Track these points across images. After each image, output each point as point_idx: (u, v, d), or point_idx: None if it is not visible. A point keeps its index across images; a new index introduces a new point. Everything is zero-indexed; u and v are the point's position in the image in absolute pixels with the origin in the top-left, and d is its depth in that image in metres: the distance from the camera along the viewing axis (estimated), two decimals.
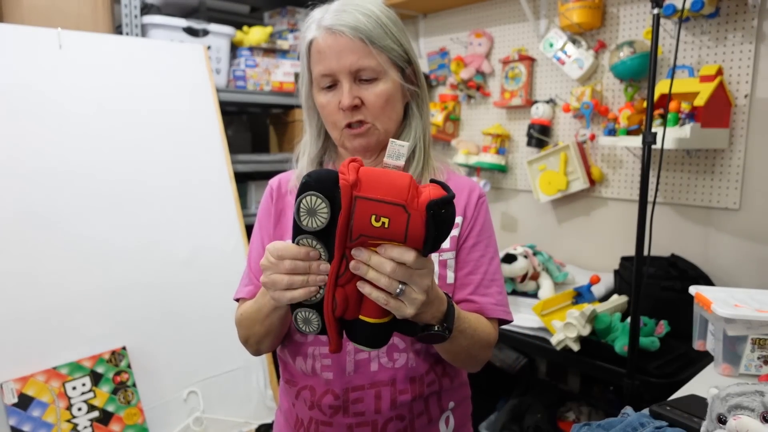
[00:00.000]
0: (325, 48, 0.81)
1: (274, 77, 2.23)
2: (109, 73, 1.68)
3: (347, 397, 0.84)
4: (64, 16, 1.76)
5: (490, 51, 2.16)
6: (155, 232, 1.64)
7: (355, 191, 0.59)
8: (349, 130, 0.84)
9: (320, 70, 0.82)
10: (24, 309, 1.41)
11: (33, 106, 1.52)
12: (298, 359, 0.87)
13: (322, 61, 0.82)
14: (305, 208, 0.60)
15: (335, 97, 0.83)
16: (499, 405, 1.95)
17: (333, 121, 0.85)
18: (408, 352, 0.85)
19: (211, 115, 1.86)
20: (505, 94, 2.07)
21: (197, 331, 1.66)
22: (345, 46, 0.80)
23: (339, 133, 0.85)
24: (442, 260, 0.86)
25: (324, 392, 0.85)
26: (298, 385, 0.88)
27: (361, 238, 0.60)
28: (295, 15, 2.40)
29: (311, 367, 0.86)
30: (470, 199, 0.89)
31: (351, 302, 0.64)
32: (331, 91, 0.83)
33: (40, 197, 1.49)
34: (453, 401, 0.91)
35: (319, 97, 0.85)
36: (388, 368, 0.84)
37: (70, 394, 1.41)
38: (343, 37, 0.80)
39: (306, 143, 0.92)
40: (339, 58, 0.80)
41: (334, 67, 0.81)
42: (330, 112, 0.84)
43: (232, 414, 1.68)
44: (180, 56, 1.86)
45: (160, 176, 1.70)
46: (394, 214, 0.58)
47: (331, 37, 0.80)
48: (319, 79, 0.84)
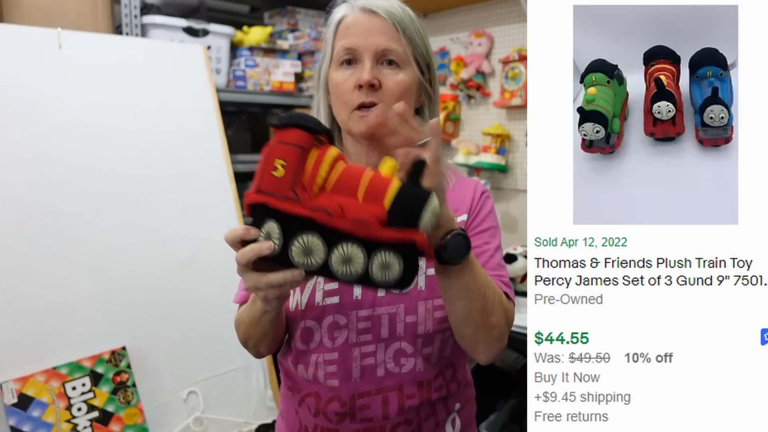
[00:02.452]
0: (355, 24, 0.80)
1: (274, 77, 2.23)
2: (109, 73, 1.67)
3: (354, 403, 0.83)
4: (64, 16, 1.76)
5: (490, 51, 2.16)
6: (155, 232, 1.64)
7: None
8: (359, 112, 0.80)
9: (344, 44, 0.80)
10: (24, 309, 1.41)
11: (32, 106, 1.52)
12: (300, 367, 0.86)
13: (348, 36, 0.80)
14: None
15: (353, 75, 0.80)
16: (499, 405, 1.95)
17: (345, 100, 0.80)
18: (416, 356, 0.84)
19: (211, 115, 1.86)
20: (505, 94, 2.07)
21: (197, 331, 1.66)
22: (377, 26, 0.80)
23: (347, 114, 0.81)
24: None
25: (330, 399, 0.83)
26: (302, 393, 0.87)
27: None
28: (295, 15, 2.40)
29: (314, 374, 0.84)
30: (474, 195, 0.89)
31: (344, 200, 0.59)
32: (349, 69, 0.80)
33: (40, 197, 1.48)
34: (459, 403, 0.91)
35: (335, 75, 0.81)
36: (395, 373, 0.84)
37: (70, 394, 1.41)
38: (377, 17, 0.80)
39: None
40: (368, 36, 0.79)
41: (360, 44, 0.79)
42: (344, 90, 0.80)
43: (232, 414, 1.67)
44: (180, 56, 1.86)
45: (160, 176, 1.69)
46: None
47: (364, 15, 0.80)
48: (340, 53, 0.81)
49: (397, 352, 0.83)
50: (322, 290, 0.82)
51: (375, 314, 0.82)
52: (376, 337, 0.82)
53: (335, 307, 0.82)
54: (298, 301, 0.83)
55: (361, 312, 0.82)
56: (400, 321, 0.82)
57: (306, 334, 0.83)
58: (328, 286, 0.83)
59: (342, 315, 0.82)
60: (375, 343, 0.82)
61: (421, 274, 0.84)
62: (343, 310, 0.82)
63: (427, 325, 0.83)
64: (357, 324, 0.82)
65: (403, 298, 0.82)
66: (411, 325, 0.83)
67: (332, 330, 0.82)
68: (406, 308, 0.82)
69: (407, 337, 0.83)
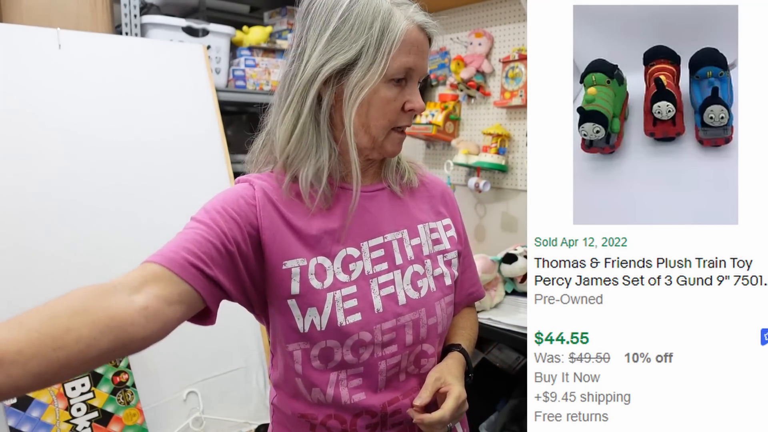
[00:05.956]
0: (417, 43, 0.77)
1: (274, 77, 2.22)
2: (109, 73, 1.67)
3: (385, 411, 0.82)
4: (64, 16, 1.76)
5: (490, 51, 2.16)
6: (155, 232, 1.63)
7: None
8: (398, 133, 0.81)
9: (406, 62, 0.76)
10: (24, 309, 1.40)
11: (32, 105, 1.52)
12: (315, 390, 0.80)
13: (410, 54, 0.76)
14: None
15: (401, 95, 0.78)
16: (499, 405, 1.95)
17: (390, 119, 0.78)
18: (436, 356, 0.86)
19: (211, 114, 1.86)
20: (505, 94, 2.07)
21: (197, 331, 1.64)
22: (426, 49, 0.79)
23: (383, 134, 0.79)
24: (447, 260, 0.89)
25: (357, 414, 0.81)
26: (320, 418, 0.81)
27: None
28: (295, 15, 2.39)
29: (334, 395, 0.80)
30: (450, 199, 0.95)
31: None
32: (397, 87, 0.77)
33: (40, 197, 1.48)
34: None
35: (385, 90, 0.76)
36: (415, 375, 0.85)
37: (69, 395, 1.41)
38: (426, 38, 0.79)
39: (309, 143, 0.78)
40: (422, 58, 0.78)
41: (417, 65, 0.77)
42: (392, 108, 0.78)
43: (231, 414, 1.67)
44: (179, 56, 1.86)
45: (160, 176, 1.69)
46: None
47: (421, 34, 0.78)
48: (399, 70, 0.76)
49: (419, 355, 0.85)
50: (342, 309, 0.78)
51: (399, 324, 0.81)
52: (402, 345, 0.82)
53: (359, 325, 0.78)
54: (316, 322, 0.78)
55: (386, 325, 0.80)
56: (423, 325, 0.83)
57: (326, 354, 0.79)
58: (347, 303, 0.79)
59: (367, 332, 0.79)
60: (400, 352, 0.82)
61: (429, 276, 0.85)
62: (368, 326, 0.79)
63: (444, 323, 0.86)
64: (382, 338, 0.80)
65: (423, 302, 0.83)
66: (433, 326, 0.84)
67: (357, 348, 0.79)
68: (427, 311, 0.84)
69: (430, 338, 0.85)
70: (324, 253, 0.79)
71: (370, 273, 0.81)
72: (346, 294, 0.78)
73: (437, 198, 0.93)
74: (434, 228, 0.89)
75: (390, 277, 0.82)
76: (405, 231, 0.85)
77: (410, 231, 0.86)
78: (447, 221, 0.91)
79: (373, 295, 0.80)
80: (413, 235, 0.86)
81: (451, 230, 0.91)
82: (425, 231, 0.87)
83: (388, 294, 0.81)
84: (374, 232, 0.83)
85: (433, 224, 0.89)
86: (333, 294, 0.78)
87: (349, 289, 0.79)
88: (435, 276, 0.86)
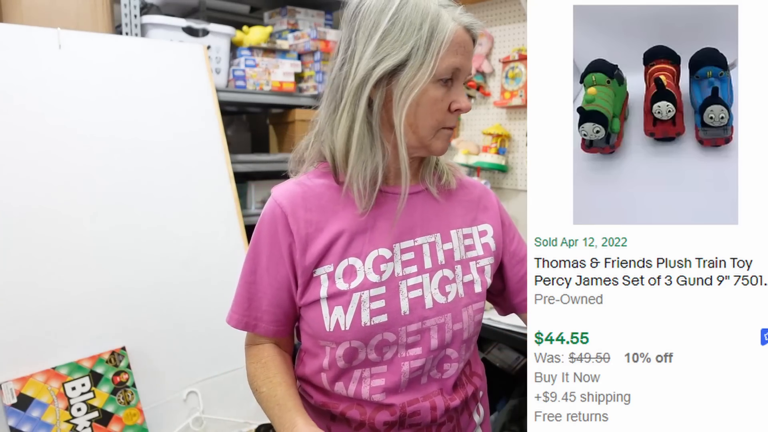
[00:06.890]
0: (464, 44, 0.78)
1: (274, 77, 2.22)
2: (109, 73, 1.67)
3: (404, 411, 0.83)
4: (64, 16, 1.76)
5: (490, 51, 2.16)
6: (155, 232, 1.63)
7: None
8: (447, 131, 0.82)
9: (454, 62, 0.77)
10: (23, 309, 1.41)
11: (32, 105, 1.52)
12: (338, 384, 0.84)
13: (458, 55, 0.77)
14: None
15: (447, 95, 0.79)
16: (499, 405, 1.95)
17: (438, 119, 0.80)
18: (459, 361, 0.87)
19: (211, 115, 1.86)
20: (505, 94, 2.07)
21: (197, 331, 1.65)
22: (471, 49, 0.80)
23: (432, 132, 0.80)
24: (480, 267, 0.88)
25: (377, 409, 0.83)
26: (340, 408, 0.85)
27: None
28: (295, 15, 2.39)
29: (356, 390, 0.83)
30: (489, 203, 0.94)
31: None
32: (445, 87, 0.79)
33: (40, 197, 1.48)
34: (482, 390, 0.96)
35: (433, 90, 0.77)
36: (437, 379, 0.85)
37: (70, 395, 1.41)
38: (471, 40, 0.80)
39: (365, 145, 0.79)
40: (468, 59, 0.80)
41: (464, 66, 0.79)
42: (440, 108, 0.79)
43: (232, 414, 1.67)
44: (179, 56, 1.86)
45: (160, 176, 1.69)
46: None
47: (467, 34, 0.79)
48: (447, 71, 0.77)
49: (442, 360, 0.85)
50: (368, 309, 0.80)
51: (424, 327, 0.82)
52: (426, 349, 0.83)
53: (383, 326, 0.80)
54: (341, 321, 0.80)
55: (411, 327, 0.82)
56: (448, 330, 0.84)
57: (350, 353, 0.82)
58: (374, 304, 0.80)
59: (391, 332, 0.81)
60: (425, 356, 0.83)
61: (458, 282, 0.86)
62: (392, 327, 0.81)
63: (470, 329, 0.87)
64: (407, 339, 0.82)
65: (450, 307, 0.84)
66: (458, 332, 0.85)
67: (381, 348, 0.81)
68: (453, 317, 0.84)
69: (454, 344, 0.85)
70: (355, 253, 0.81)
71: (399, 275, 0.82)
72: (374, 294, 0.80)
73: (474, 202, 0.92)
74: (468, 234, 0.89)
75: (419, 280, 0.83)
76: (438, 235, 0.86)
77: (443, 235, 0.87)
78: (483, 227, 0.91)
79: (401, 297, 0.81)
80: (446, 240, 0.86)
81: (487, 236, 0.91)
82: (458, 236, 0.88)
83: (416, 297, 0.82)
84: (407, 235, 0.84)
85: (467, 230, 0.89)
86: (360, 294, 0.79)
87: (378, 289, 0.80)
88: (465, 282, 0.86)
